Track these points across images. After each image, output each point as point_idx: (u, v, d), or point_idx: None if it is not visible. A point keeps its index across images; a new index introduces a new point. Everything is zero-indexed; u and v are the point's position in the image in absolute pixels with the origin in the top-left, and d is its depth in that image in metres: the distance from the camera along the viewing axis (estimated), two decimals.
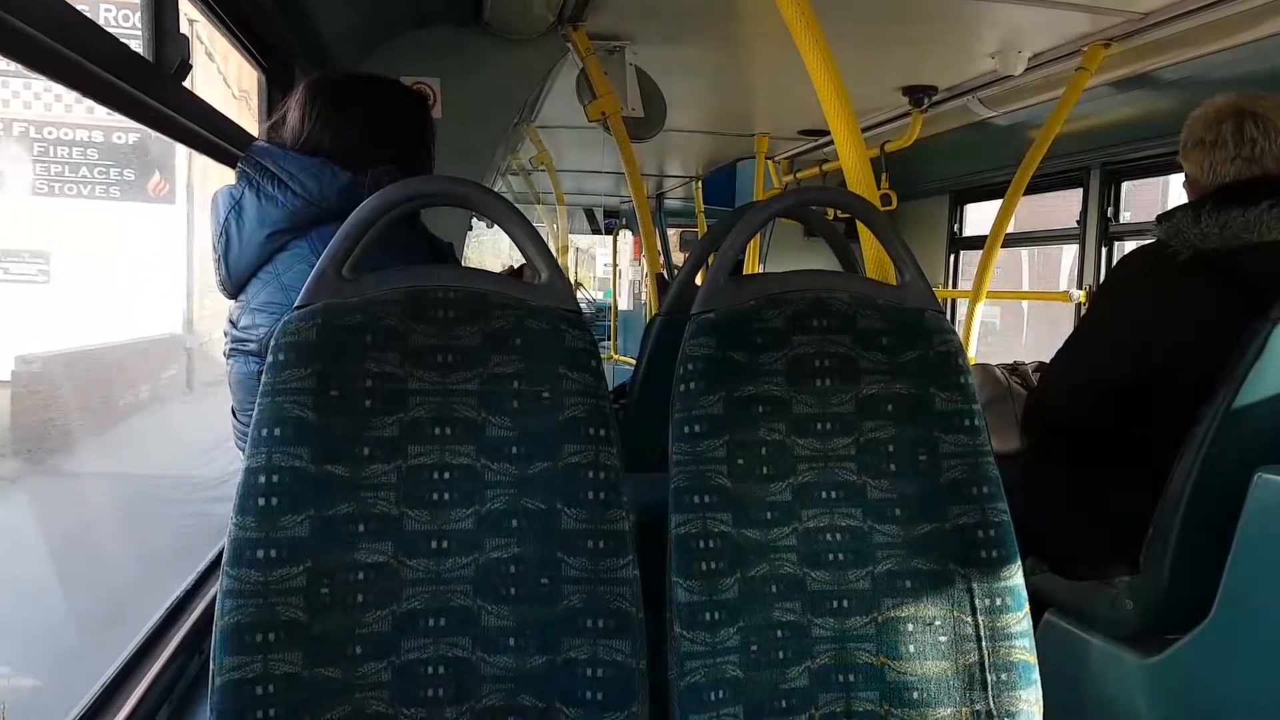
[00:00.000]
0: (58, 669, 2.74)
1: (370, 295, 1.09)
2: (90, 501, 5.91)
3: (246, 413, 1.42)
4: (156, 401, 8.51)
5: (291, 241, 1.38)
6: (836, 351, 1.21)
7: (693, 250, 2.00)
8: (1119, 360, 1.73)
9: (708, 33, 2.85)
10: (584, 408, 1.11)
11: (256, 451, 1.03)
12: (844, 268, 1.70)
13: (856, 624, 1.17)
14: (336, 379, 1.06)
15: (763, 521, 1.17)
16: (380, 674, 1.05)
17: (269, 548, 1.02)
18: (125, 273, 9.51)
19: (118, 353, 8.17)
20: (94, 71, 1.10)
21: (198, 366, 9.24)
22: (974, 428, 1.21)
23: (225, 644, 1.00)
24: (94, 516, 5.59)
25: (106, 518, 5.62)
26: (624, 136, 2.90)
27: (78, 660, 2.51)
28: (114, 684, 1.36)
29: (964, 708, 1.15)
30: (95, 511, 5.70)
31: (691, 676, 1.10)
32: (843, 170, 1.52)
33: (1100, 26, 2.54)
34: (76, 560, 4.67)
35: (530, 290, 1.14)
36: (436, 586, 1.07)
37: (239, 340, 1.41)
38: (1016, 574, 1.18)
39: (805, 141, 4.63)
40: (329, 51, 2.41)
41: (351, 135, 1.44)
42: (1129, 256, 1.82)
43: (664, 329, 1.80)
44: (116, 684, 1.36)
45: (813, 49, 1.43)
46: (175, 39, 1.37)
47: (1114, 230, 3.46)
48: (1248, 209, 1.64)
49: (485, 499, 1.09)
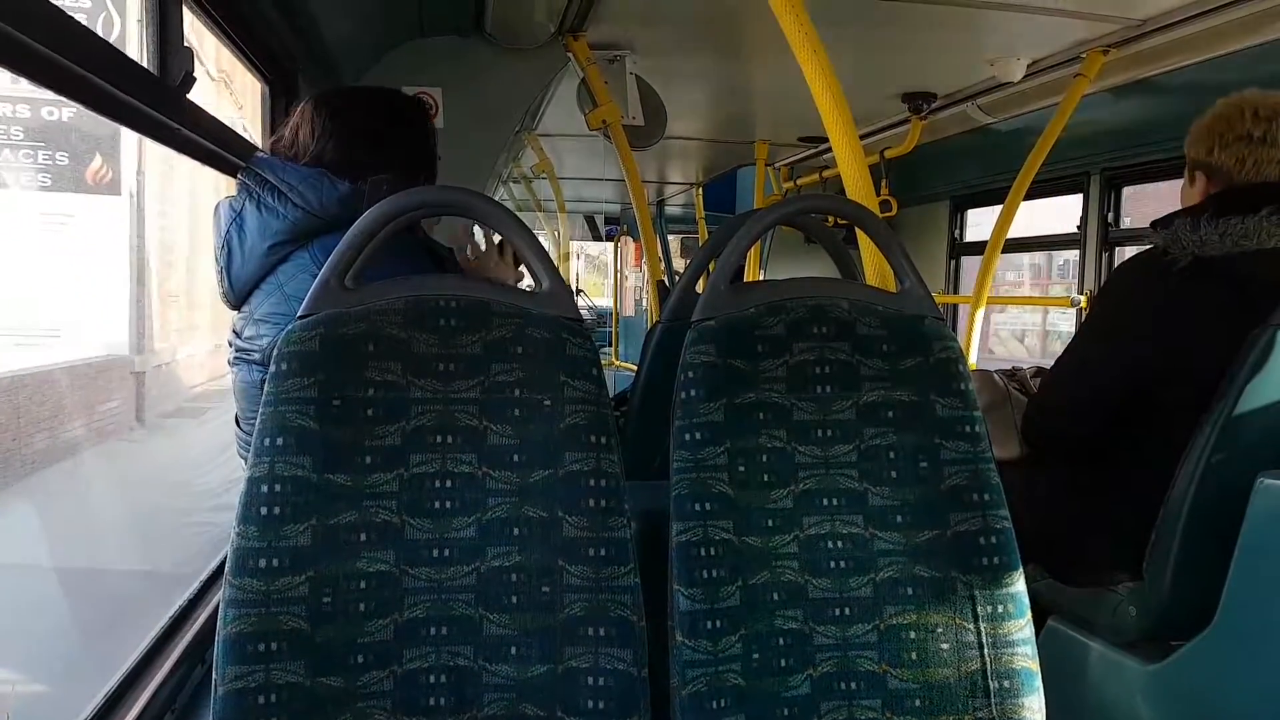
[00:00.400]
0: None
1: (372, 305, 1.10)
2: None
3: (250, 421, 1.42)
4: (85, 445, 6.05)
5: (294, 252, 1.38)
6: (837, 358, 1.21)
7: (693, 257, 2.00)
8: (1120, 367, 1.73)
9: (707, 41, 2.86)
10: (585, 415, 1.11)
11: (259, 461, 1.04)
12: (844, 274, 1.70)
13: (858, 631, 1.17)
14: (339, 388, 1.07)
15: (764, 529, 1.17)
16: (382, 683, 1.05)
17: (271, 557, 1.02)
18: (56, 280, 7.52)
19: (33, 383, 6.02)
20: (98, 84, 1.11)
21: (155, 393, 7.32)
22: (975, 434, 1.21)
23: (228, 653, 1.01)
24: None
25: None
26: (624, 144, 2.91)
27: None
28: (117, 693, 1.36)
29: (966, 715, 1.15)
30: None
31: (693, 685, 1.10)
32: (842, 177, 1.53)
33: (1098, 33, 2.54)
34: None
35: (531, 298, 1.15)
36: (438, 595, 1.08)
37: (243, 350, 1.42)
38: (1018, 581, 1.18)
39: (805, 148, 4.65)
40: (332, 62, 2.42)
41: (355, 147, 1.45)
42: (1128, 263, 1.82)
43: (665, 336, 1.81)
44: (120, 693, 1.37)
45: (811, 57, 1.43)
46: (179, 52, 1.38)
47: (1114, 235, 3.46)
48: (1247, 216, 1.64)
49: (487, 507, 1.09)
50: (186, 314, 10.58)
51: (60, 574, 3.99)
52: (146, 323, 8.09)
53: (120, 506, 4.61)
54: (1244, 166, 1.73)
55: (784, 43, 1.46)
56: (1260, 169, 1.72)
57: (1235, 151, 1.74)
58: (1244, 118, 1.73)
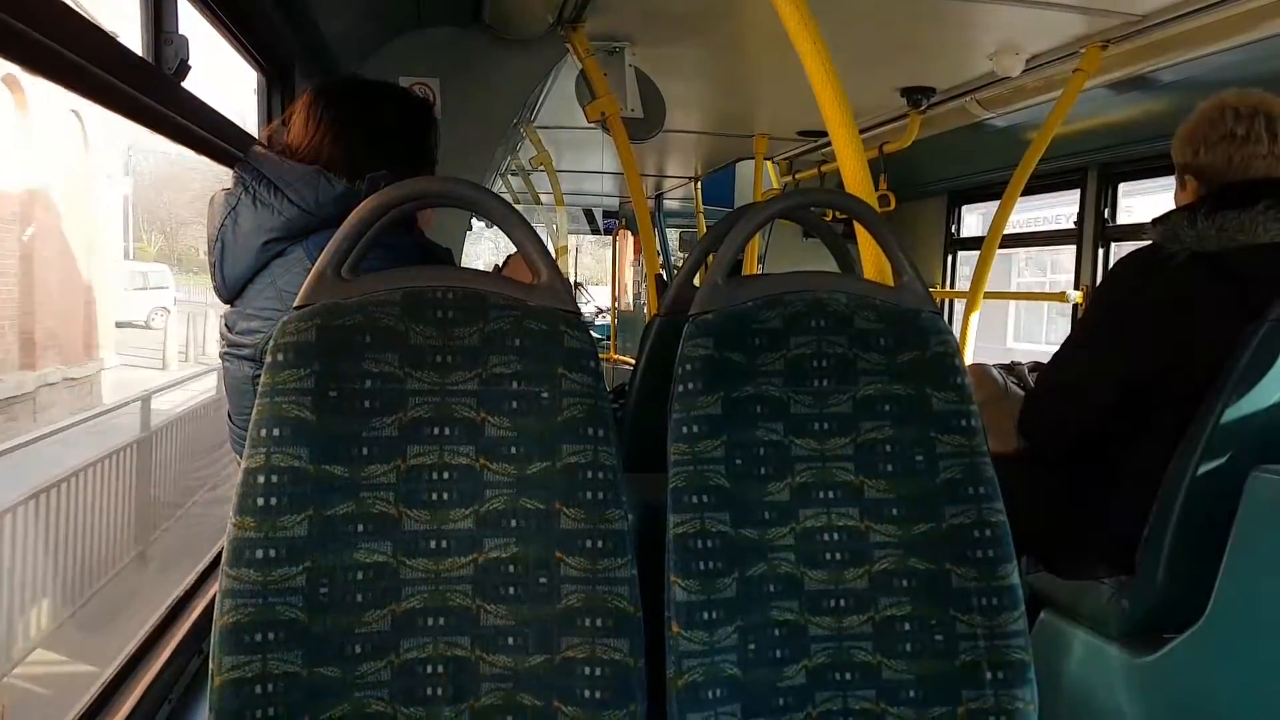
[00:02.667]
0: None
1: (368, 296, 1.09)
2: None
3: (242, 416, 1.42)
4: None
5: (288, 248, 1.38)
6: (834, 352, 1.21)
7: (691, 251, 2.00)
8: (1116, 361, 1.74)
9: (707, 34, 2.86)
10: (582, 408, 1.12)
11: (255, 452, 1.04)
12: (841, 268, 1.70)
13: (854, 623, 1.17)
14: (335, 379, 1.07)
15: (760, 521, 1.17)
16: (379, 673, 1.05)
17: (268, 548, 1.02)
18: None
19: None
20: (92, 72, 1.11)
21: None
22: (971, 428, 1.21)
23: (225, 643, 1.01)
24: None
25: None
26: (623, 137, 2.91)
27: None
28: (114, 683, 1.37)
29: (960, 706, 1.15)
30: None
31: (689, 675, 1.11)
32: (840, 171, 1.53)
33: (1098, 28, 2.54)
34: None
35: (529, 291, 1.15)
36: (435, 586, 1.08)
37: (234, 344, 1.41)
38: (1012, 573, 1.18)
39: (804, 142, 4.64)
40: (329, 52, 2.41)
41: (354, 144, 1.44)
42: (1125, 259, 1.82)
43: (663, 329, 1.81)
44: (117, 683, 1.37)
45: (811, 50, 1.43)
46: (174, 40, 1.37)
47: (1111, 231, 3.47)
48: (1244, 211, 1.64)
49: (484, 499, 1.10)
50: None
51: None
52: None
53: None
54: (1231, 165, 1.74)
55: (784, 36, 1.46)
56: (1248, 166, 1.73)
57: (1221, 151, 1.75)
58: (1225, 118, 1.75)
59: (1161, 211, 1.77)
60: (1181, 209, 1.72)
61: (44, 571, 5.16)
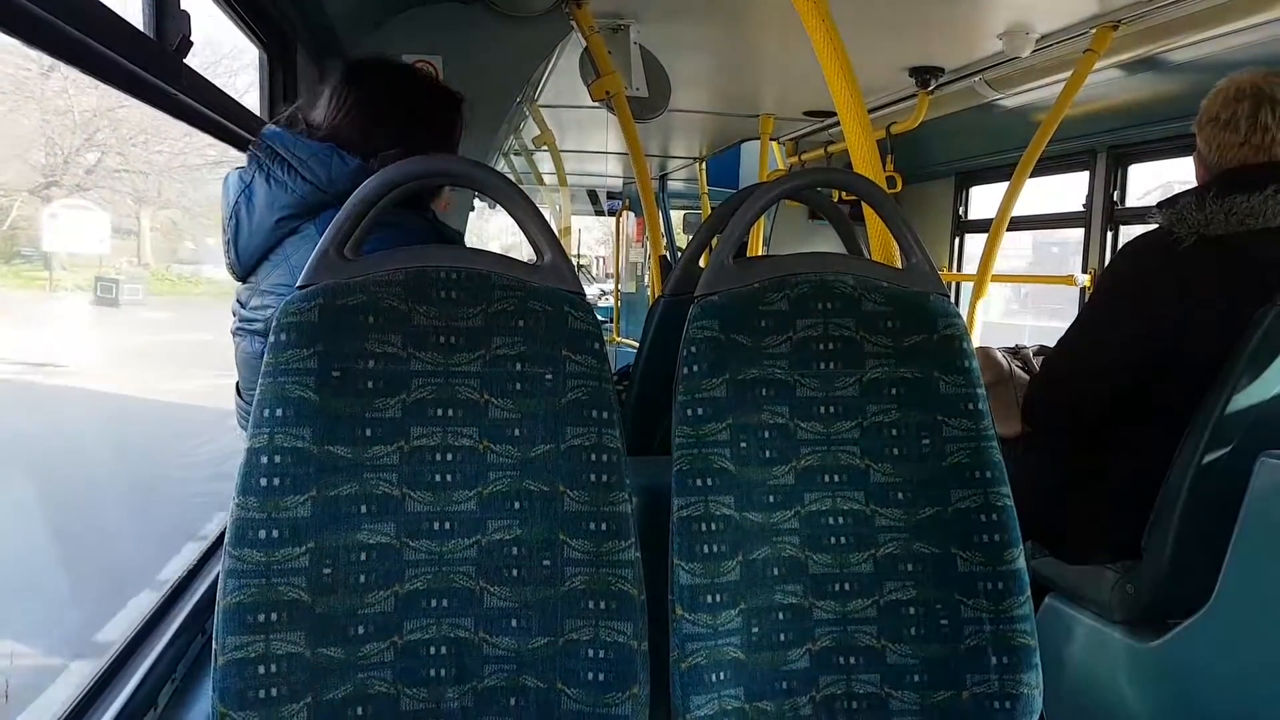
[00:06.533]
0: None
1: (372, 275, 1.09)
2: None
3: (251, 391, 1.41)
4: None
5: (301, 225, 1.37)
6: (840, 335, 1.20)
7: (697, 232, 1.99)
8: (1122, 345, 1.72)
9: (713, 11, 2.82)
10: (586, 390, 1.11)
11: (258, 432, 1.03)
12: (849, 250, 1.69)
13: (858, 607, 1.17)
14: (338, 359, 1.06)
15: (765, 505, 1.17)
16: (382, 654, 1.05)
17: (271, 528, 1.02)
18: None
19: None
20: (93, 47, 1.09)
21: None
22: (977, 412, 1.20)
23: (228, 623, 1.01)
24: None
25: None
26: (627, 116, 2.88)
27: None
28: (117, 662, 1.37)
29: (964, 691, 1.15)
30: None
31: (693, 658, 1.10)
32: (848, 152, 1.51)
33: (1109, 8, 2.51)
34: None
35: (533, 271, 1.14)
36: (439, 567, 1.08)
37: (246, 320, 1.41)
38: (1018, 558, 1.18)
39: (810, 122, 4.60)
40: (331, 29, 2.38)
41: (376, 133, 1.42)
42: (1133, 242, 1.81)
43: (667, 311, 1.80)
44: (120, 662, 1.37)
45: (819, 28, 1.41)
46: (176, 14, 1.35)
47: (1120, 213, 3.44)
48: (1252, 194, 1.62)
49: (488, 481, 1.09)
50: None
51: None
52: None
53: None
54: (1210, 150, 1.72)
55: (792, 14, 1.44)
56: (1223, 153, 1.70)
57: (1205, 136, 1.74)
58: (1217, 99, 1.73)
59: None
60: (1189, 193, 1.70)
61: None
